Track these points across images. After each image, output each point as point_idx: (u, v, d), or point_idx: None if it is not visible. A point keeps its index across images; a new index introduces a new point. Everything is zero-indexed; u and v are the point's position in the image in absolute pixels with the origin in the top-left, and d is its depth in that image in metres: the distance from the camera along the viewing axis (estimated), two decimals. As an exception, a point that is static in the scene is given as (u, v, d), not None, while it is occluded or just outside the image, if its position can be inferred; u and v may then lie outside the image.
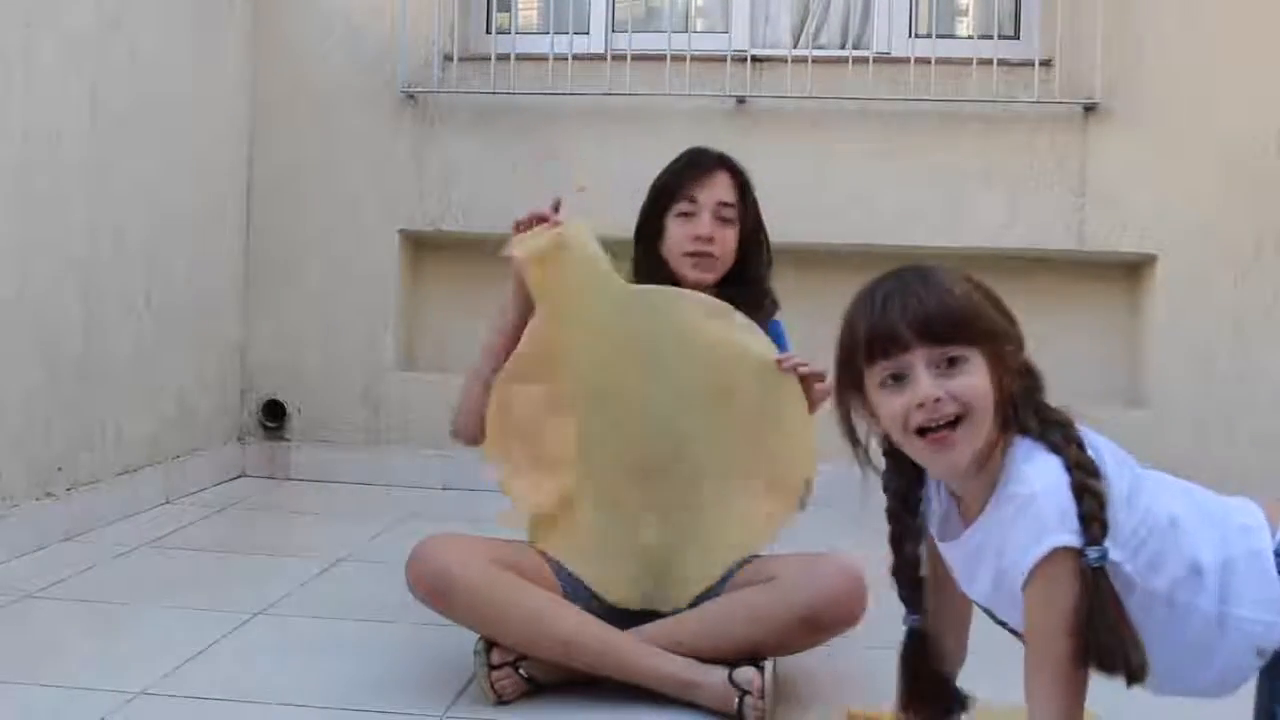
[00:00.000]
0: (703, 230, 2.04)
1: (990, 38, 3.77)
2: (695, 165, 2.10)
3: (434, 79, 3.91)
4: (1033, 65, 3.75)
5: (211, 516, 3.34)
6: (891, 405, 1.31)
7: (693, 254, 2.05)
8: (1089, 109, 3.71)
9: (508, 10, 4.00)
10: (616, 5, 4.05)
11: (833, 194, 3.79)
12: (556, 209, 2.02)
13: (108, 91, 3.11)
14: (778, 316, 2.16)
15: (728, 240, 2.07)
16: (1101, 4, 3.65)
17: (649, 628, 1.98)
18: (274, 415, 3.97)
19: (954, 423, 1.29)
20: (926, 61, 3.73)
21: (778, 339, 2.10)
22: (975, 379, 1.29)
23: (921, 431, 1.30)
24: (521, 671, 1.92)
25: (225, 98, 3.83)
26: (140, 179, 3.29)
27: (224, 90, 3.82)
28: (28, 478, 2.83)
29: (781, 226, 3.77)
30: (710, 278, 2.07)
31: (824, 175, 3.80)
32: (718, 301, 2.01)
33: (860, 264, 3.85)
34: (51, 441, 2.92)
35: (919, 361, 1.29)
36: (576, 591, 2.02)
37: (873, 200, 3.78)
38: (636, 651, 1.92)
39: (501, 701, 1.90)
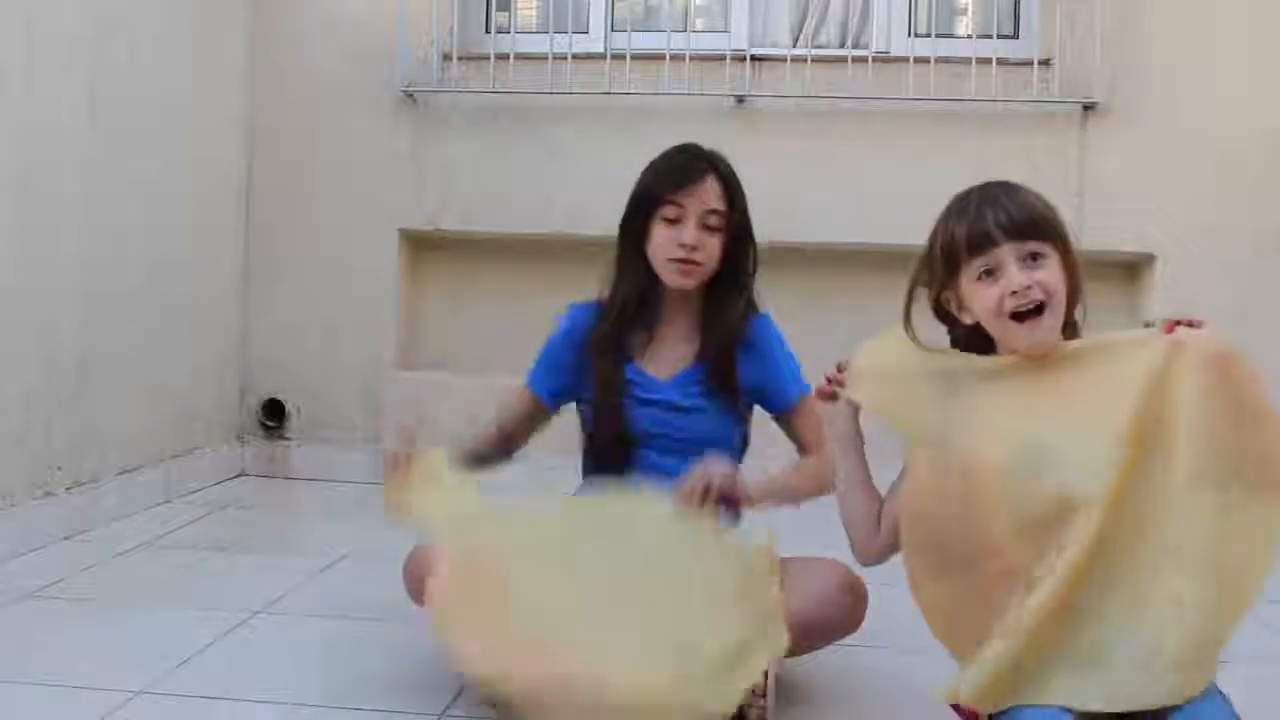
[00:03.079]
0: (687, 239, 2.02)
1: (989, 37, 3.78)
2: (685, 171, 2.05)
3: (433, 78, 3.91)
4: (1032, 65, 3.75)
5: (211, 516, 3.34)
6: (988, 295, 1.53)
7: (677, 260, 2.04)
8: (1088, 108, 3.71)
9: (507, 10, 4.00)
10: (616, 4, 4.06)
11: (831, 193, 3.79)
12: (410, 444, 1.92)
13: (108, 91, 3.11)
14: (766, 312, 2.14)
15: (713, 248, 2.04)
16: (1100, 4, 3.66)
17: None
18: (274, 414, 3.97)
19: (1039, 309, 1.51)
20: (925, 61, 3.73)
21: (766, 335, 2.10)
22: (1054, 272, 1.53)
23: (1015, 316, 1.52)
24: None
25: (225, 97, 3.83)
26: (140, 178, 3.29)
27: (224, 90, 3.82)
28: (27, 477, 2.84)
29: (781, 226, 3.82)
30: (691, 283, 2.06)
31: (823, 174, 3.80)
32: (645, 495, 1.90)
33: (860, 263, 3.91)
34: (51, 441, 2.93)
35: (1009, 256, 1.52)
36: None
37: (871, 200, 3.78)
38: (636, 652, 1.91)
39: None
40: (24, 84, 2.78)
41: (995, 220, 1.53)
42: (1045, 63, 3.75)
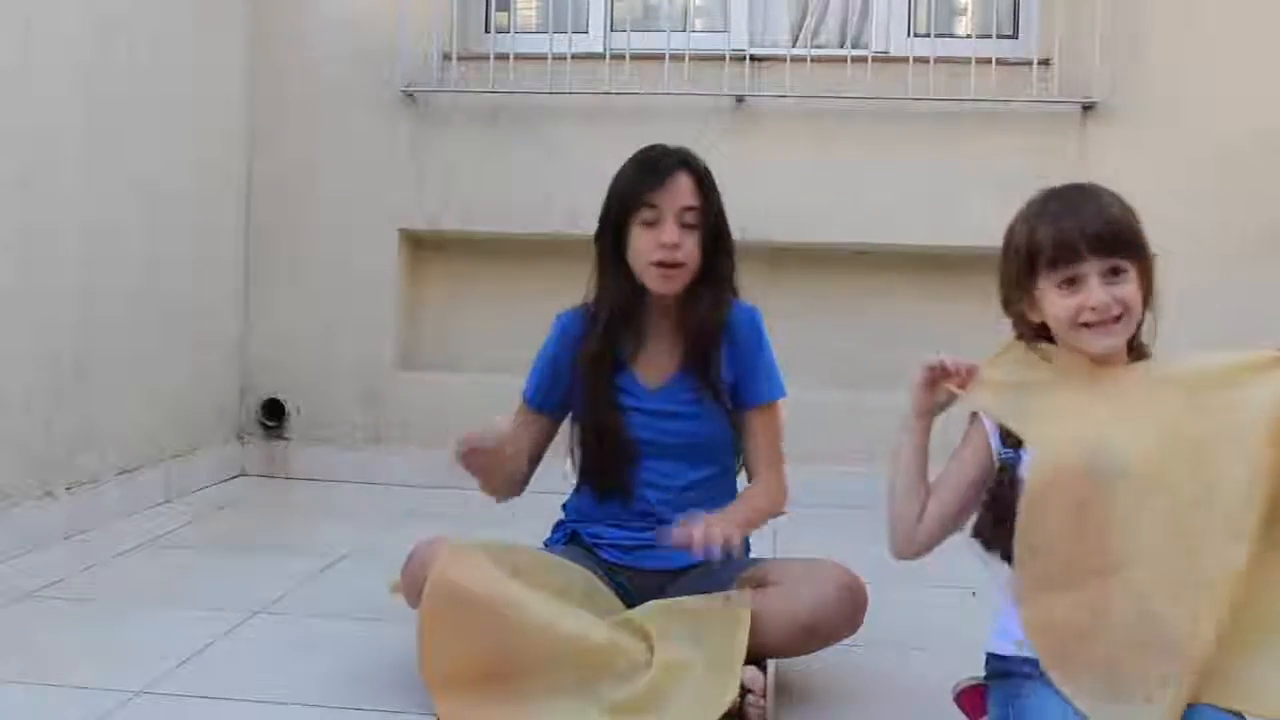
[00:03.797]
0: (668, 238, 1.99)
1: (989, 37, 3.78)
2: (655, 170, 2.03)
3: (433, 78, 3.91)
4: (1031, 65, 3.76)
5: (211, 516, 3.34)
6: (1065, 304, 1.53)
7: (659, 264, 2.01)
8: (1087, 108, 3.71)
9: (506, 10, 4.00)
10: (615, 4, 4.06)
11: (831, 193, 3.79)
12: None
13: (107, 91, 3.11)
14: (757, 309, 2.12)
15: (692, 246, 2.02)
16: (1100, 4, 3.66)
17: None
18: (273, 414, 3.97)
19: (1116, 318, 1.52)
20: (925, 61, 3.74)
21: (748, 328, 2.08)
22: (1133, 288, 1.53)
23: (1087, 324, 1.52)
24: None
25: (225, 98, 3.83)
26: (140, 179, 3.29)
27: (224, 90, 3.82)
28: (28, 478, 2.84)
29: (780, 225, 3.83)
30: (676, 288, 2.03)
31: (822, 174, 3.80)
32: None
33: (858, 263, 3.91)
34: (51, 441, 2.93)
35: (1092, 271, 1.52)
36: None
37: (871, 199, 3.78)
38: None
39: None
40: (23, 84, 2.78)
41: (1081, 233, 1.52)
42: (1045, 63, 3.75)
